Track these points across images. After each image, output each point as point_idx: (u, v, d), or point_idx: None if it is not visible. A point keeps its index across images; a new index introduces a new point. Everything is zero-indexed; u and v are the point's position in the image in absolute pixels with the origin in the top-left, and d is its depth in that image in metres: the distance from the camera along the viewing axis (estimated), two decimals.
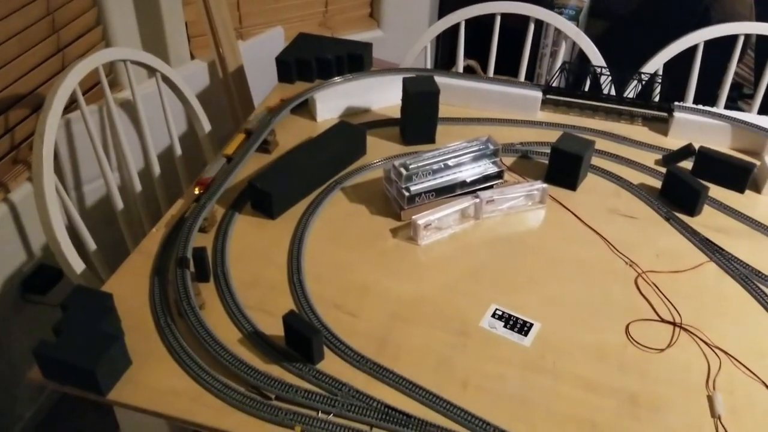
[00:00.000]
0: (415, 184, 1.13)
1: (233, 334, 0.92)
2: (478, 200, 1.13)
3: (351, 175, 1.23)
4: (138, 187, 1.41)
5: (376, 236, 1.10)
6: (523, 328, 0.95)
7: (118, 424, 0.94)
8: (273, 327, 0.92)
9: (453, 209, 1.11)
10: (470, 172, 1.17)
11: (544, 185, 1.16)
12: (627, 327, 0.95)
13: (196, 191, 1.13)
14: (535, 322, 0.95)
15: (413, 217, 1.09)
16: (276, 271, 1.02)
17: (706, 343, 0.93)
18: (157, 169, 1.44)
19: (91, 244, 1.23)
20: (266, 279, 1.01)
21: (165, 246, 1.05)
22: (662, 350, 0.92)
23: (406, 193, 1.12)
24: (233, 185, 1.19)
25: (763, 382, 0.88)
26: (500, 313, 0.97)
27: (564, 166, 1.19)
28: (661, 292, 1.01)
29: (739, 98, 2.69)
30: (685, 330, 0.95)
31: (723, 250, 1.08)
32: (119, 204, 1.36)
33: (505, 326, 0.95)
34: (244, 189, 1.18)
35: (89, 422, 1.52)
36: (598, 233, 1.12)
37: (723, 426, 0.82)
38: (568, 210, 1.17)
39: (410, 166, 1.13)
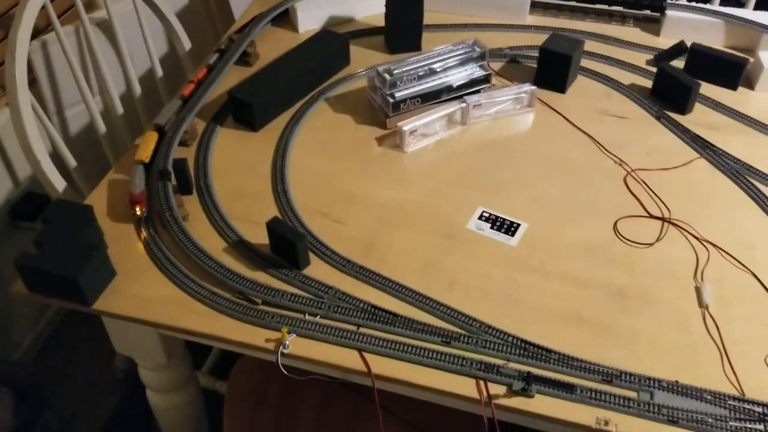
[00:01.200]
0: (400, 90, 1.10)
1: (218, 243, 0.91)
2: (464, 105, 1.11)
3: (335, 85, 1.20)
4: (120, 110, 1.38)
5: (362, 145, 1.08)
6: (510, 228, 0.94)
7: (113, 345, 0.95)
8: (258, 236, 0.91)
9: (439, 115, 1.09)
10: (457, 76, 1.14)
11: (533, 87, 1.13)
12: (615, 224, 0.94)
13: (137, 211, 0.93)
14: (522, 222, 0.94)
15: (398, 124, 1.07)
16: (260, 182, 1.01)
17: (695, 237, 0.92)
18: (138, 90, 1.40)
19: (72, 161, 1.21)
20: (250, 190, 1.00)
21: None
22: (651, 245, 0.91)
23: (391, 100, 1.09)
24: (214, 99, 1.17)
25: (752, 273, 0.88)
26: (487, 215, 0.96)
27: (553, 68, 1.16)
28: (650, 189, 1.00)
29: None
30: (674, 225, 0.94)
31: (714, 146, 1.06)
32: (102, 128, 1.33)
33: (492, 228, 0.94)
34: (226, 102, 1.15)
35: (87, 349, 1.54)
36: (587, 134, 1.09)
37: (711, 315, 0.82)
38: (557, 112, 1.14)
39: (395, 72, 1.10)
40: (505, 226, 0.94)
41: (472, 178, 1.02)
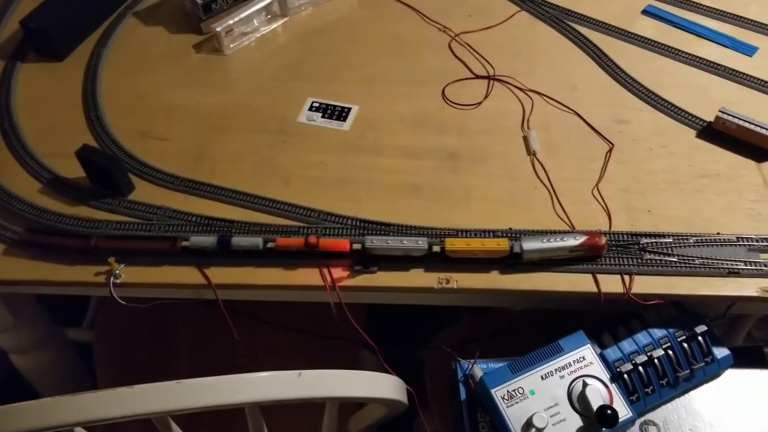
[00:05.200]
0: None
1: (32, 185, 0.84)
2: None
3: None
4: None
5: (179, 55, 1.01)
6: (342, 114, 0.92)
7: None
8: (75, 170, 0.84)
9: (254, 9, 1.03)
10: None
11: None
12: (443, 91, 0.94)
13: None
14: (352, 105, 0.92)
15: (212, 26, 1.00)
16: (71, 112, 0.93)
17: (519, 89, 0.93)
18: None
19: None
20: (62, 123, 0.92)
21: None
22: (479, 104, 0.92)
23: (200, 1, 1.01)
24: (11, 34, 1.05)
25: (575, 112, 0.90)
26: (317, 104, 0.93)
27: None
28: (474, 50, 0.99)
29: None
30: (499, 81, 0.95)
31: None
32: None
33: (323, 116, 0.91)
34: (23, 36, 1.04)
35: None
36: (409, 6, 1.07)
37: (539, 160, 0.85)
38: None
39: None
40: (337, 112, 0.92)
41: (299, 70, 0.98)
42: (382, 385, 0.60)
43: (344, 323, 0.73)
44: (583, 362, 0.70)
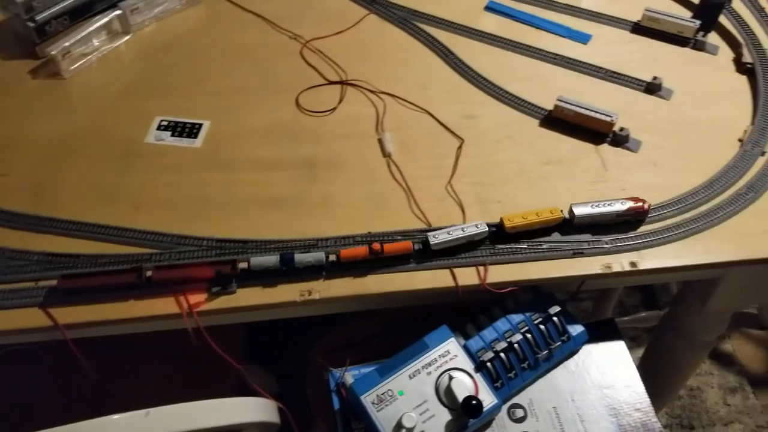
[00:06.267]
0: (41, 12, 0.97)
1: None
2: (120, 12, 1.00)
3: None
4: None
5: (13, 83, 0.95)
6: (193, 130, 0.89)
7: None
8: None
9: (92, 28, 0.98)
10: None
11: None
12: (297, 99, 0.93)
13: None
14: (203, 121, 0.90)
15: (47, 49, 0.94)
16: None
17: (372, 92, 0.94)
18: None
19: None
20: None
21: None
22: (333, 110, 0.92)
23: (32, 24, 0.95)
24: None
25: (427, 111, 0.92)
26: (166, 123, 0.90)
27: None
28: (326, 56, 0.99)
29: None
30: (352, 85, 0.95)
31: None
32: None
33: (173, 135, 0.88)
34: None
35: None
36: (257, 14, 1.05)
37: (393, 161, 0.85)
38: None
39: None
40: (187, 129, 0.89)
41: (145, 88, 0.95)
42: (244, 410, 0.58)
43: (220, 344, 0.71)
44: (448, 356, 0.71)
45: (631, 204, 0.76)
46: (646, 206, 0.77)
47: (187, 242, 0.76)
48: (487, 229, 0.74)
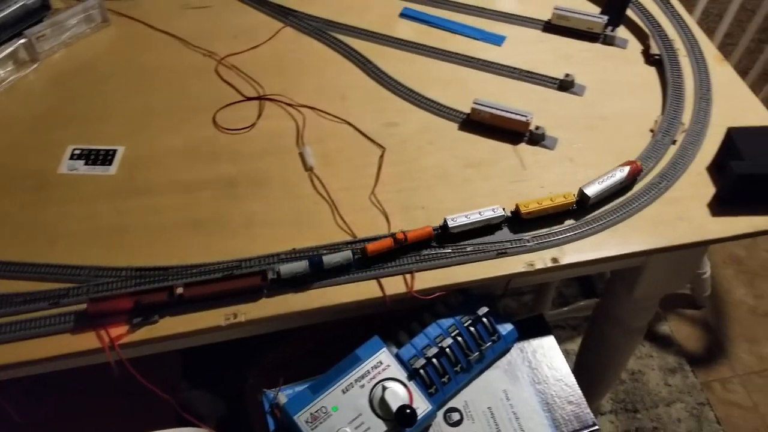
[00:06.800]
0: None
1: None
2: (25, 40, 0.97)
3: None
4: None
5: None
6: (107, 157, 0.86)
7: None
8: None
9: None
10: (6, 12, 0.98)
11: (99, 0, 1.02)
12: (214, 117, 0.92)
13: None
14: (117, 147, 0.88)
15: None
16: None
17: (290, 106, 0.93)
18: None
19: None
20: None
21: None
22: (252, 126, 0.91)
23: None
24: None
25: (347, 122, 0.91)
26: (79, 151, 0.87)
27: None
28: (242, 72, 0.98)
29: None
30: (270, 100, 0.94)
31: (296, 11, 1.07)
32: None
33: (86, 163, 0.86)
34: None
35: None
36: (171, 34, 1.03)
37: (315, 175, 0.85)
38: (136, 20, 1.05)
39: None
40: (101, 156, 0.86)
41: (56, 117, 0.92)
42: None
43: (156, 371, 0.69)
44: (380, 367, 0.71)
45: (628, 168, 0.81)
46: (639, 164, 0.82)
47: (105, 274, 0.74)
48: (503, 213, 0.77)
